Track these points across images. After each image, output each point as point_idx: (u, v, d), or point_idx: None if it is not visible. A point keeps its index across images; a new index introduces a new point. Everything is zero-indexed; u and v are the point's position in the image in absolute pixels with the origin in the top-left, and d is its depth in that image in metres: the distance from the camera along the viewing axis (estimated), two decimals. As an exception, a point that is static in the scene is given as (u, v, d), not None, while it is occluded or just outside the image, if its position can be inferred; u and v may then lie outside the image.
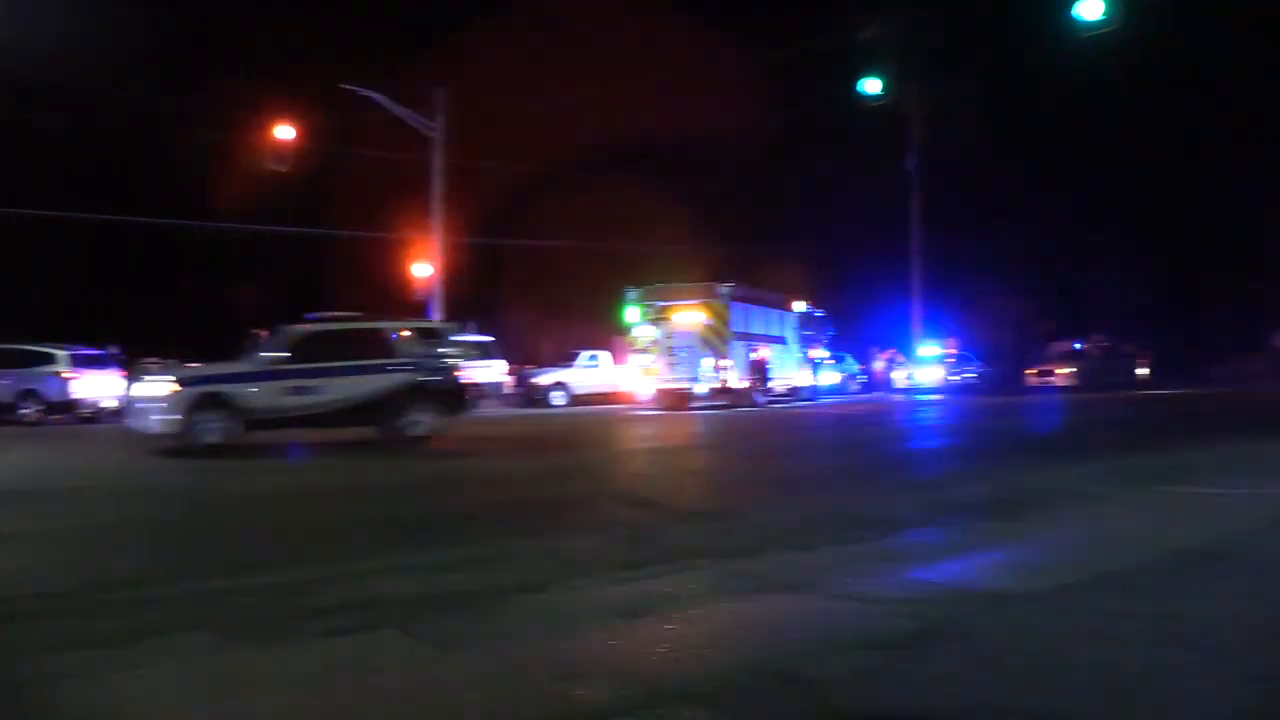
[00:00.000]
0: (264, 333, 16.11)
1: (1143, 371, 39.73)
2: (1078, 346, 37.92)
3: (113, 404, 20.43)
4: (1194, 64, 43.58)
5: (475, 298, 33.28)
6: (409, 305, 28.99)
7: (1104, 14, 14.65)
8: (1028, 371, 37.35)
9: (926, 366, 34.85)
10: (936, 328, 37.90)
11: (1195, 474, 8.82)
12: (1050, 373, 36.13)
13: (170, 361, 21.18)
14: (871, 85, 18.57)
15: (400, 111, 27.84)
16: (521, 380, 28.24)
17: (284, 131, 24.70)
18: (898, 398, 30.92)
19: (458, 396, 14.27)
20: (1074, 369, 35.81)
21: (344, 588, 4.72)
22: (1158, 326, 46.19)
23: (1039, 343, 41.07)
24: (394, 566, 5.23)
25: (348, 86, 26.46)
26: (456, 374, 14.13)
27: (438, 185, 29.08)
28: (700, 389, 24.13)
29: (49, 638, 3.92)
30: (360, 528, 6.88)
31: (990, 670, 3.25)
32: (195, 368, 14.98)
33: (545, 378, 28.12)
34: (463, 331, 21.58)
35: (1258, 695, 2.94)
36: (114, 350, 23.30)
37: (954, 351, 37.11)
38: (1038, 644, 3.55)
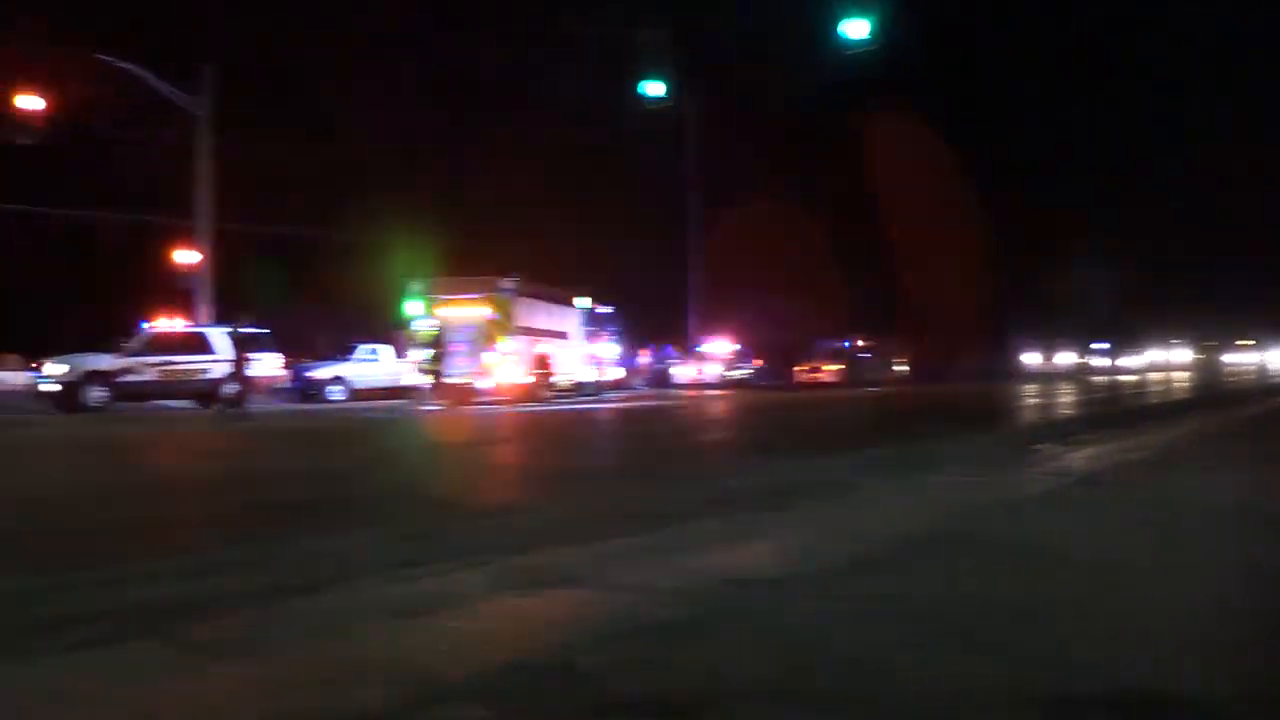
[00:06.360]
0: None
1: (902, 369, 42.62)
2: (843, 346, 40.27)
3: None
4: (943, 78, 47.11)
5: (248, 287, 31.80)
6: (171, 294, 27.39)
7: (869, 35, 15.71)
8: (798, 368, 39.28)
9: (705, 363, 35.96)
10: (715, 326, 39.24)
11: (939, 463, 9.58)
12: (818, 370, 38.20)
13: None
14: (654, 88, 19.03)
15: (162, 87, 26.22)
16: (298, 374, 27.13)
17: (29, 101, 22.75)
18: (677, 393, 31.74)
19: None
20: (839, 366, 37.97)
21: (85, 596, 4.37)
22: (919, 328, 49.60)
23: (810, 341, 43.31)
24: (155, 571, 4.91)
25: (104, 57, 24.68)
26: None
27: (205, 168, 27.60)
28: (483, 384, 23.95)
29: None
30: (104, 530, 6.43)
31: (756, 652, 3.43)
32: None
33: (322, 372, 27.15)
34: (241, 324, 20.64)
35: (984, 663, 3.25)
36: None
37: (730, 349, 38.51)
38: (800, 625, 3.78)
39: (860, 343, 41.09)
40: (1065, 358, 52.45)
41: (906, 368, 42.78)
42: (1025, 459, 9.94)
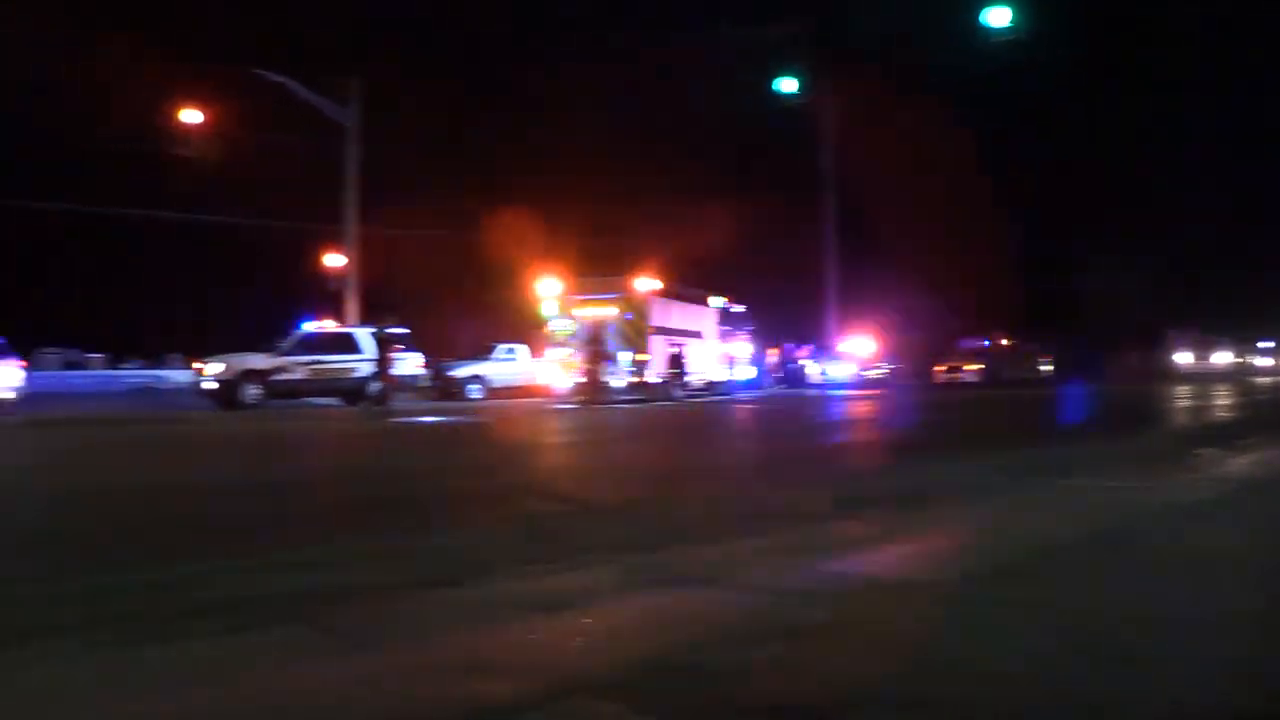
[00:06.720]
0: None
1: (1047, 368, 41.05)
2: (984, 344, 39.05)
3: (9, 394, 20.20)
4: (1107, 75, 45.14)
5: (390, 288, 32.86)
6: (321, 296, 28.49)
7: (1011, 22, 15.20)
8: (936, 368, 38.31)
9: (840, 362, 35.44)
10: (852, 325, 38.62)
11: (1084, 467, 9.13)
12: (958, 369, 37.21)
13: None
14: (788, 84, 18.83)
15: (312, 98, 27.33)
16: (438, 373, 27.87)
17: (191, 115, 24.05)
18: (812, 393, 31.37)
19: None
20: (979, 365, 36.86)
21: (239, 582, 4.60)
22: (1062, 326, 47.62)
23: (948, 340, 42.15)
24: (296, 560, 5.12)
25: (258, 71, 25.87)
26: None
27: (352, 174, 28.65)
28: (618, 382, 24.17)
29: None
30: (256, 521, 6.72)
31: (889, 659, 3.34)
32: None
33: (462, 370, 27.82)
34: (385, 325, 21.37)
35: (1125, 680, 3.07)
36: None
37: (868, 348, 37.84)
38: (935, 632, 3.67)
39: (1002, 341, 39.75)
40: (1222, 357, 49.28)
41: (1051, 367, 41.16)
42: (1184, 463, 9.42)
